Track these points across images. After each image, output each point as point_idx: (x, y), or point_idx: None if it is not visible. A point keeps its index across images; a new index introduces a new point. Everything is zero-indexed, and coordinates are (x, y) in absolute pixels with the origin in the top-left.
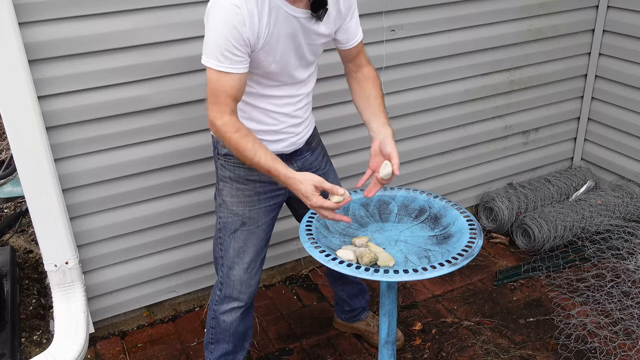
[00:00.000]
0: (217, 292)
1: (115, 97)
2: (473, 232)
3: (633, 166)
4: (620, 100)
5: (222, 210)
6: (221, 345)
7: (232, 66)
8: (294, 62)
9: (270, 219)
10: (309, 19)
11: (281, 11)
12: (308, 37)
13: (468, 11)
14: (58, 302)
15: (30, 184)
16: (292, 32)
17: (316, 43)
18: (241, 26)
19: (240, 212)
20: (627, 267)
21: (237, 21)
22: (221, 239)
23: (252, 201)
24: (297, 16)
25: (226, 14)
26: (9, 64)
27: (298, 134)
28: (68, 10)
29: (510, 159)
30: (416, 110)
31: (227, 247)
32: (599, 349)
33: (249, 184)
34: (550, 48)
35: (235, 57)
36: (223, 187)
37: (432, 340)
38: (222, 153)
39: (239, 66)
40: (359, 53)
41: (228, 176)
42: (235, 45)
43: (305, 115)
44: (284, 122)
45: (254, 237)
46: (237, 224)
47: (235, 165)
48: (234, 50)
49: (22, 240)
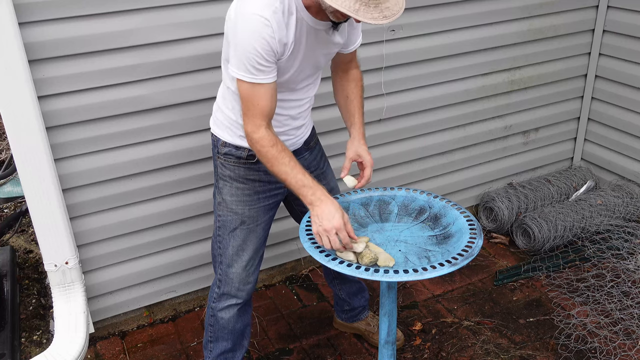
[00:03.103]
0: (216, 290)
1: (115, 97)
2: (473, 232)
3: (633, 166)
4: (620, 100)
5: (221, 209)
6: (220, 343)
7: (264, 77)
8: (309, 71)
9: (269, 217)
10: (327, 30)
11: (305, 23)
12: (326, 47)
13: (468, 11)
14: (58, 302)
15: (30, 184)
16: (313, 43)
17: (332, 51)
18: (271, 39)
19: (240, 210)
20: (627, 267)
21: (266, 34)
22: (220, 237)
23: (252, 200)
24: (319, 28)
25: (256, 27)
26: (9, 64)
27: (298, 135)
28: (68, 10)
29: (510, 159)
30: (416, 110)
31: (226, 245)
32: (599, 349)
33: (248, 183)
34: (550, 48)
35: (266, 68)
36: (223, 185)
37: (432, 340)
38: (222, 152)
39: (270, 76)
40: (353, 57)
41: (228, 175)
42: (265, 57)
43: (307, 118)
44: (287, 125)
45: (252, 236)
46: (237, 223)
47: (235, 165)
48: (264, 62)
49: (22, 240)
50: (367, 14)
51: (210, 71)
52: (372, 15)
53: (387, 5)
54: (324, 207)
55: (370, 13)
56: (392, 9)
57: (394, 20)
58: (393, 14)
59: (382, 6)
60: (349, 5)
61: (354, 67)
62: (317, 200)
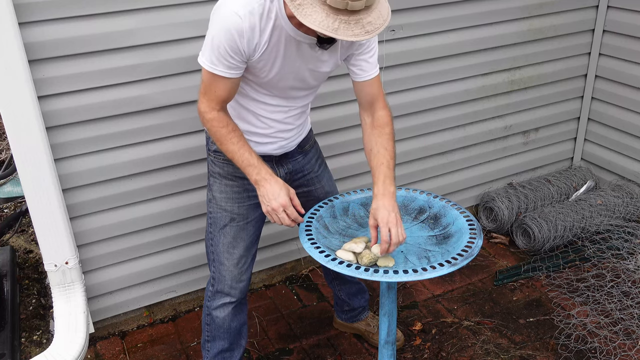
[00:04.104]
0: (210, 288)
1: (115, 97)
2: (473, 232)
3: (633, 166)
4: (620, 100)
5: (212, 206)
6: (217, 342)
7: (225, 70)
8: (292, 83)
9: (260, 214)
10: (312, 45)
11: (284, 32)
12: (311, 63)
13: (468, 11)
14: (58, 302)
15: (30, 184)
16: (294, 54)
17: (320, 70)
18: (239, 37)
19: (229, 208)
20: (627, 267)
21: (236, 31)
22: (211, 234)
23: (241, 198)
24: (300, 40)
25: (228, 22)
26: (9, 64)
27: (288, 138)
28: (68, 10)
29: (510, 159)
30: (416, 110)
31: (217, 242)
32: (599, 349)
33: (237, 181)
34: (550, 48)
35: (229, 63)
36: (213, 182)
37: (432, 340)
38: (212, 149)
39: (231, 71)
40: (375, 94)
41: (217, 172)
42: (229, 53)
43: (298, 122)
44: (273, 127)
45: (243, 233)
46: (226, 220)
47: (224, 162)
48: (228, 57)
49: (22, 240)
50: (348, 31)
51: None
52: (352, 32)
53: (368, 20)
54: (267, 187)
55: (351, 30)
56: (374, 23)
57: (377, 34)
58: (376, 28)
59: (364, 21)
60: (327, 25)
61: (380, 109)
62: (262, 179)
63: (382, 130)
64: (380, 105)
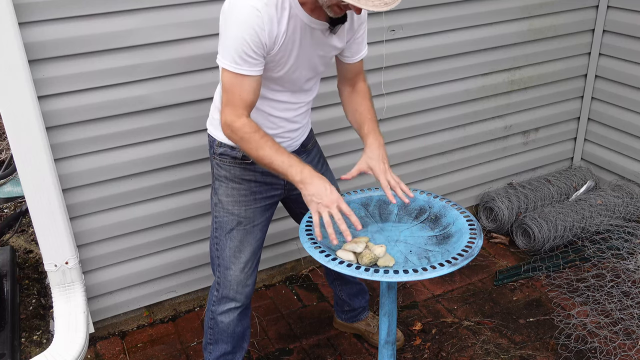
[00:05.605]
0: (215, 293)
1: (115, 97)
2: (473, 232)
3: (633, 166)
4: (620, 100)
5: (217, 210)
6: (220, 346)
7: (249, 69)
8: (305, 72)
9: (266, 218)
10: (324, 30)
11: (299, 20)
12: (322, 49)
13: (468, 11)
14: (58, 302)
15: (30, 184)
16: (308, 42)
17: (329, 55)
18: (260, 30)
19: (236, 211)
20: (627, 267)
21: (256, 25)
22: (217, 238)
23: (248, 201)
24: (314, 27)
25: (246, 17)
26: (9, 64)
27: (294, 138)
28: (68, 10)
29: (510, 159)
30: (416, 110)
31: (223, 246)
32: (599, 349)
33: (244, 184)
34: (550, 48)
35: (253, 60)
36: (219, 186)
37: (432, 340)
38: (217, 152)
39: (255, 69)
40: (358, 71)
41: (224, 175)
42: (253, 49)
43: (304, 121)
44: (282, 127)
45: (250, 237)
46: (233, 224)
47: (230, 165)
48: (251, 53)
49: (22, 240)
50: (369, 2)
51: (210, 71)
52: (372, 3)
53: None
54: (316, 184)
55: (371, 1)
56: None
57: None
58: (393, 1)
59: None
60: None
61: (360, 81)
62: (307, 177)
63: (364, 96)
64: (362, 79)
